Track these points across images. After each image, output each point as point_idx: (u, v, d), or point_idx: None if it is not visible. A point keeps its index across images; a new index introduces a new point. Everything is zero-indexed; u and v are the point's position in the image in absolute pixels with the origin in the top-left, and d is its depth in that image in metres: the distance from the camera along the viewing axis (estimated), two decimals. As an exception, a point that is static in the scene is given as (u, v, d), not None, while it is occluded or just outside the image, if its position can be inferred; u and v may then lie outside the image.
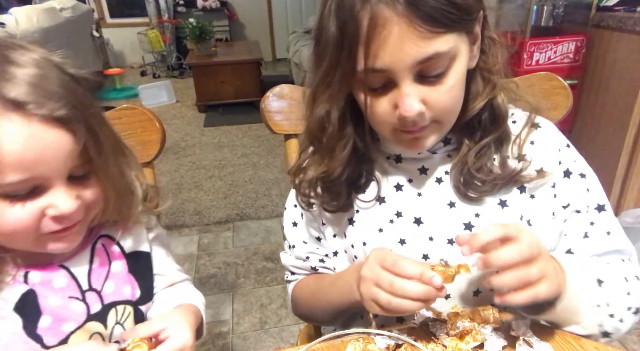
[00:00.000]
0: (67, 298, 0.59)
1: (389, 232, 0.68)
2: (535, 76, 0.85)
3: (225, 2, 5.91)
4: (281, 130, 0.87)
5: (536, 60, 2.06)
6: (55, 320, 0.57)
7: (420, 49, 0.50)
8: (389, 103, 0.56)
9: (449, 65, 0.54)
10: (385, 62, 0.51)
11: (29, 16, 3.49)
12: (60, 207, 0.51)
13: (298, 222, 0.77)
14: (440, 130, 0.60)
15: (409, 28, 0.49)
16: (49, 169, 0.49)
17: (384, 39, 0.50)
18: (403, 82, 0.53)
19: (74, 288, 0.60)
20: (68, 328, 0.58)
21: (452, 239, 0.65)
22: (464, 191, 0.64)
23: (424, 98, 0.54)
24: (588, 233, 0.65)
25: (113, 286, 0.63)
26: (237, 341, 1.69)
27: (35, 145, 0.47)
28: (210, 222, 2.46)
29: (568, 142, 0.67)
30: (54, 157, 0.48)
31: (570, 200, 0.64)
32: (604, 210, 0.66)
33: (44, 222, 0.51)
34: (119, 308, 0.63)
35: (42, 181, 0.49)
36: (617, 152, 1.95)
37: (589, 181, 0.66)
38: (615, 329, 0.60)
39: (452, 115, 0.59)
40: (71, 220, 0.53)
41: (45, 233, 0.53)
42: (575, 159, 0.66)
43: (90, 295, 0.61)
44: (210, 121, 4.01)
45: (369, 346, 0.57)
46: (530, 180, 0.63)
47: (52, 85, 0.49)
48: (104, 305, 0.62)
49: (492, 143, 0.63)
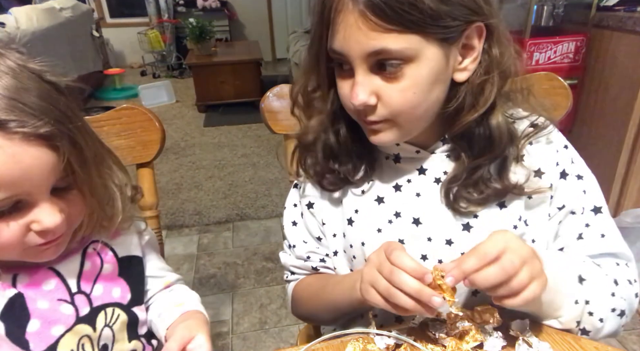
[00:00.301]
0: (56, 300, 0.58)
1: (388, 232, 0.68)
2: (535, 76, 0.85)
3: (225, 2, 5.91)
4: (281, 130, 0.87)
5: (536, 60, 2.06)
6: (44, 324, 0.57)
7: (369, 41, 0.52)
8: (348, 86, 0.58)
9: (403, 65, 0.54)
10: (341, 45, 0.54)
11: (29, 16, 3.49)
12: (44, 222, 0.50)
13: (298, 222, 0.77)
14: (398, 130, 0.59)
15: (361, 18, 0.51)
16: (32, 186, 0.48)
17: (339, 23, 0.53)
18: (357, 69, 0.55)
19: (63, 290, 0.59)
20: (57, 332, 0.58)
21: (450, 240, 0.65)
22: (452, 204, 0.64)
23: (377, 91, 0.56)
24: (582, 234, 0.65)
25: (102, 289, 0.63)
26: (236, 342, 1.69)
27: (17, 164, 0.45)
28: (210, 222, 2.46)
29: (566, 142, 0.67)
30: (36, 174, 0.47)
31: (565, 201, 0.64)
32: (600, 212, 0.65)
33: (29, 237, 0.51)
34: (108, 311, 0.63)
35: (26, 197, 0.49)
36: (617, 152, 1.95)
37: (586, 183, 0.65)
38: (594, 328, 0.60)
39: (408, 117, 0.58)
40: (55, 233, 0.52)
41: (31, 246, 0.52)
42: (574, 160, 0.66)
43: (78, 298, 0.60)
44: (210, 121, 4.01)
45: (368, 346, 0.57)
46: (528, 193, 0.62)
47: (32, 98, 0.47)
48: (92, 308, 0.61)
49: (489, 162, 0.62)
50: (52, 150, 0.48)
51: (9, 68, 0.47)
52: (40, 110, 0.47)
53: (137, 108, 0.80)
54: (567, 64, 2.10)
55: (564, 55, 2.08)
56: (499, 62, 0.58)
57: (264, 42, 5.98)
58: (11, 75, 0.47)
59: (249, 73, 4.20)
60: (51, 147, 0.48)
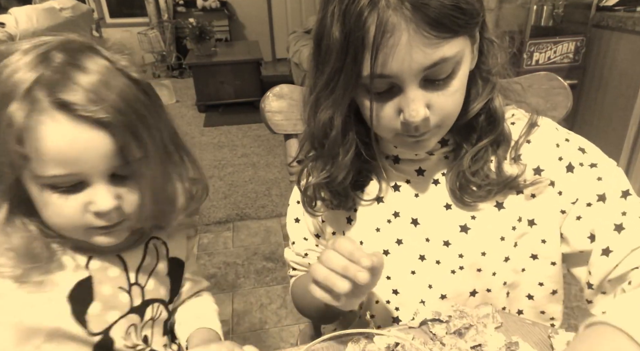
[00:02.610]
0: (117, 288, 0.63)
1: (386, 231, 0.68)
2: (535, 76, 0.85)
3: (225, 2, 5.91)
4: (281, 130, 0.87)
5: (536, 60, 2.06)
6: (104, 308, 0.61)
7: (427, 56, 0.50)
8: (393, 108, 0.55)
9: (454, 69, 0.53)
10: (393, 69, 0.50)
11: (29, 16, 3.49)
12: (98, 204, 0.53)
13: (300, 219, 0.77)
14: (440, 133, 0.60)
15: (416, 35, 0.48)
16: (88, 167, 0.51)
17: (392, 46, 0.49)
18: (409, 87, 0.52)
19: (124, 279, 0.64)
20: (112, 318, 0.62)
21: (447, 241, 0.65)
22: (459, 196, 0.63)
23: (429, 102, 0.54)
24: (623, 224, 0.58)
25: (153, 284, 0.67)
26: (237, 341, 1.69)
27: (75, 144, 0.49)
28: (210, 222, 2.46)
29: (569, 136, 0.64)
30: (92, 156, 0.51)
31: (578, 194, 0.61)
32: (630, 194, 0.60)
33: (87, 217, 0.54)
34: (155, 306, 0.67)
35: (83, 177, 0.52)
36: (617, 152, 1.95)
37: (602, 169, 0.62)
38: None
39: (453, 118, 0.59)
40: (110, 218, 0.55)
41: (92, 227, 0.55)
42: (584, 149, 0.63)
43: (134, 289, 0.65)
44: (210, 121, 4.01)
45: (368, 346, 0.57)
46: (526, 186, 0.62)
47: (109, 92, 0.50)
48: (144, 300, 0.66)
49: (489, 146, 0.63)
50: (108, 137, 0.50)
51: (100, 66, 0.51)
52: (109, 100, 0.50)
53: (138, 108, 0.80)
54: (567, 64, 2.10)
55: (564, 55, 2.08)
56: (493, 43, 0.60)
57: (264, 42, 5.98)
58: (99, 72, 0.51)
59: (249, 73, 4.20)
60: (108, 134, 0.50)
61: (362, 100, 0.57)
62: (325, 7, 0.53)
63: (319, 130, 0.61)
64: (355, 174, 0.66)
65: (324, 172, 0.65)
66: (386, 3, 0.47)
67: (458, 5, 0.49)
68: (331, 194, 0.68)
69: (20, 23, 3.33)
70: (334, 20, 0.51)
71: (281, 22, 6.21)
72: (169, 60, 5.63)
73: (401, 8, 0.47)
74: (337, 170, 0.64)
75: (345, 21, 0.50)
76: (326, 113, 0.59)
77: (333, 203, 0.69)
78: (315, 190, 0.69)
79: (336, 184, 0.65)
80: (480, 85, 0.60)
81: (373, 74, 0.51)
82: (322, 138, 0.62)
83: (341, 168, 0.64)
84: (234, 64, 4.14)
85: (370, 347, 0.57)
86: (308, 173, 0.70)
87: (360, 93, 0.56)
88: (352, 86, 0.54)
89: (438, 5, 0.47)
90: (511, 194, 0.63)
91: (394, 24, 0.48)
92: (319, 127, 0.61)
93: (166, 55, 5.59)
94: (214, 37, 4.56)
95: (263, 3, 6.14)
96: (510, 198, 0.64)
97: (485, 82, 0.61)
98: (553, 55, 2.07)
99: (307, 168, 0.70)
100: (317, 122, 0.61)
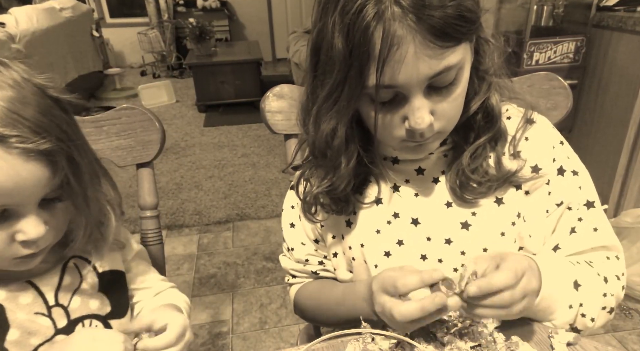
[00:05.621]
0: (33, 314, 0.59)
1: (387, 233, 0.68)
2: (535, 76, 0.85)
3: (225, 2, 5.91)
4: (281, 130, 0.87)
5: (536, 60, 2.06)
6: (22, 333, 0.57)
7: (432, 66, 0.50)
8: (397, 116, 0.55)
9: (457, 75, 0.54)
10: (399, 80, 0.50)
11: (29, 16, 3.49)
12: (29, 233, 0.50)
13: (296, 224, 0.77)
14: (442, 136, 0.60)
15: (422, 46, 0.48)
16: (23, 198, 0.49)
17: (399, 59, 0.48)
18: (414, 96, 0.52)
19: (40, 304, 0.59)
20: (35, 342, 0.58)
21: (449, 239, 0.65)
22: (460, 193, 0.64)
23: (433, 109, 0.54)
24: (575, 228, 0.66)
25: (79, 302, 0.63)
26: (236, 341, 1.69)
27: (13, 177, 0.46)
28: (210, 222, 2.46)
29: (562, 138, 0.67)
30: (30, 187, 0.48)
31: (563, 198, 0.65)
32: (593, 206, 0.66)
33: (13, 246, 0.51)
34: (86, 322, 0.63)
35: (14, 207, 0.49)
36: (617, 152, 1.95)
37: (581, 178, 0.66)
38: (585, 327, 0.63)
39: (455, 121, 0.59)
40: (38, 245, 0.53)
41: (17, 257, 0.53)
42: (569, 156, 0.67)
43: (56, 311, 0.61)
44: (210, 121, 4.01)
45: (368, 346, 0.57)
46: (525, 180, 0.64)
47: (33, 112, 0.47)
48: (70, 320, 0.61)
49: (487, 143, 0.63)
50: (49, 166, 0.48)
51: (13, 80, 0.48)
52: (41, 126, 0.47)
53: (137, 108, 0.80)
54: (567, 64, 2.10)
55: (564, 55, 2.08)
56: (488, 43, 0.60)
57: (264, 42, 5.98)
58: (14, 87, 0.47)
59: (249, 73, 4.21)
60: (49, 163, 0.48)
61: (366, 110, 0.57)
62: (323, 17, 0.52)
63: (321, 140, 0.60)
64: (355, 181, 0.66)
65: (325, 181, 0.65)
66: (392, 15, 0.47)
67: (461, 14, 0.49)
68: (331, 200, 0.68)
69: (21, 23, 3.33)
70: (336, 31, 0.50)
71: (281, 22, 6.21)
72: (169, 60, 5.63)
73: (405, 19, 0.47)
74: (339, 178, 0.63)
75: (349, 34, 0.49)
76: (329, 124, 0.58)
77: (333, 209, 0.69)
78: (315, 197, 0.68)
79: (338, 192, 0.65)
80: (477, 84, 0.61)
81: (379, 85, 0.51)
82: (324, 148, 0.61)
83: (344, 176, 0.63)
84: (234, 64, 4.15)
85: (371, 347, 0.57)
86: (306, 180, 0.69)
87: (364, 102, 0.56)
88: (357, 97, 0.54)
89: (442, 15, 0.47)
90: (510, 189, 0.65)
91: (400, 37, 0.47)
92: (322, 138, 0.60)
93: (166, 55, 5.59)
94: (214, 37, 4.56)
95: (263, 3, 6.14)
96: (509, 193, 0.65)
97: (482, 81, 0.61)
98: (553, 55, 2.07)
99: (304, 175, 0.70)
100: (319, 132, 0.60)
